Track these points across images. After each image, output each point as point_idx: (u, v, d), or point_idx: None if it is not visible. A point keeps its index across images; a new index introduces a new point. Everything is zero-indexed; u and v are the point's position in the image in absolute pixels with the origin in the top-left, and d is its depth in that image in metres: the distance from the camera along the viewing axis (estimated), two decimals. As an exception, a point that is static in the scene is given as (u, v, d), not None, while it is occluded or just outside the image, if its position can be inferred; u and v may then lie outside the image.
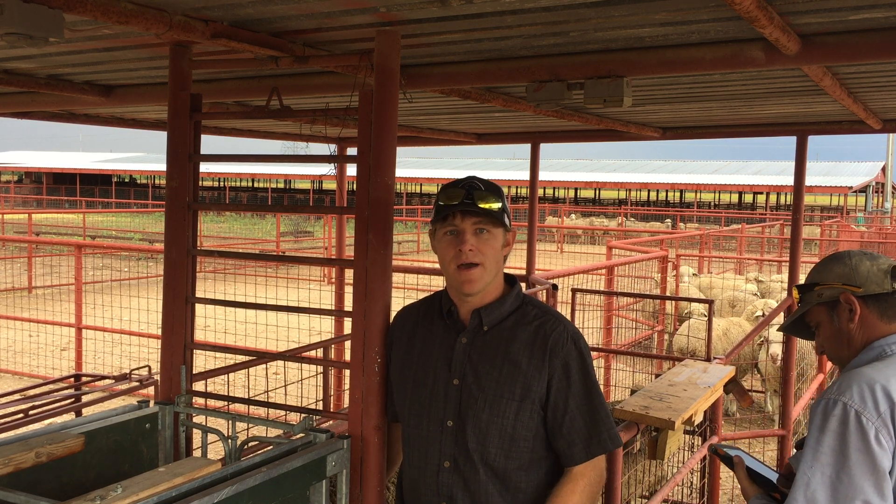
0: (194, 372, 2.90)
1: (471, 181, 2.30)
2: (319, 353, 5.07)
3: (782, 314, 6.39)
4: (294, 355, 3.82)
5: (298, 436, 2.52)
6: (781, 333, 7.16)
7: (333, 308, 7.54)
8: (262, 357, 3.93)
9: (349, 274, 2.74)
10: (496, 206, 2.26)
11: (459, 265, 2.26)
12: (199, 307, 2.97)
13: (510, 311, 2.34)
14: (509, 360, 2.26)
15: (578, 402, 2.24)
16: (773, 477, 2.22)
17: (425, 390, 2.35)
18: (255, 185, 61.97)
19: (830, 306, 2.19)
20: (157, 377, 3.05)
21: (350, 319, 2.55)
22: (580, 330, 2.36)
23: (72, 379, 4.76)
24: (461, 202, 2.24)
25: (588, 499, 2.24)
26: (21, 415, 3.83)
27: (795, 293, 2.31)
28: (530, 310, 2.34)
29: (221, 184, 62.45)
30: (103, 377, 4.63)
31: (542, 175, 36.88)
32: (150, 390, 4.50)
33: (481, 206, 2.24)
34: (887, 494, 1.86)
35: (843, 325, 2.16)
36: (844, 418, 1.91)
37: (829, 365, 8.37)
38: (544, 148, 6.50)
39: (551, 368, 2.24)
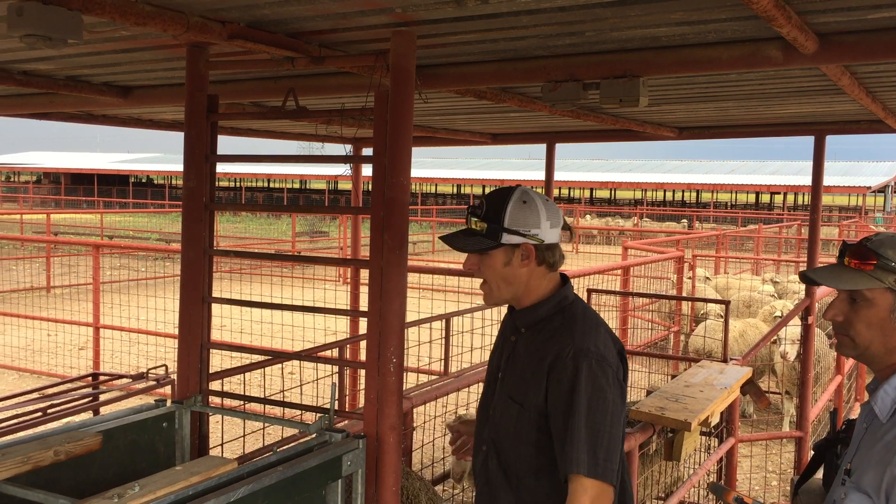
0: (210, 371, 2.91)
1: (474, 203, 2.36)
2: (335, 352, 5.09)
3: (798, 317, 6.33)
4: (309, 355, 3.83)
5: (314, 435, 2.52)
6: (793, 333, 7.07)
7: (349, 308, 7.55)
8: (277, 357, 3.94)
9: (364, 274, 2.75)
10: (480, 226, 2.30)
11: None
12: (215, 307, 2.98)
13: (543, 316, 2.34)
14: (522, 366, 2.33)
15: (565, 420, 2.17)
16: None
17: (489, 380, 2.50)
18: (271, 185, 62.21)
19: None
20: (174, 376, 3.07)
21: (365, 319, 2.56)
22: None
23: (89, 378, 4.79)
24: (466, 225, 2.36)
25: None
26: (39, 413, 3.85)
27: (852, 259, 1.87)
28: (557, 319, 2.32)
29: (238, 184, 62.67)
30: (121, 376, 4.65)
31: (558, 175, 36.69)
32: (167, 389, 4.52)
33: (470, 227, 2.33)
34: None
35: None
36: None
37: (847, 366, 8.27)
38: (560, 148, 6.47)
39: (548, 382, 2.24)
